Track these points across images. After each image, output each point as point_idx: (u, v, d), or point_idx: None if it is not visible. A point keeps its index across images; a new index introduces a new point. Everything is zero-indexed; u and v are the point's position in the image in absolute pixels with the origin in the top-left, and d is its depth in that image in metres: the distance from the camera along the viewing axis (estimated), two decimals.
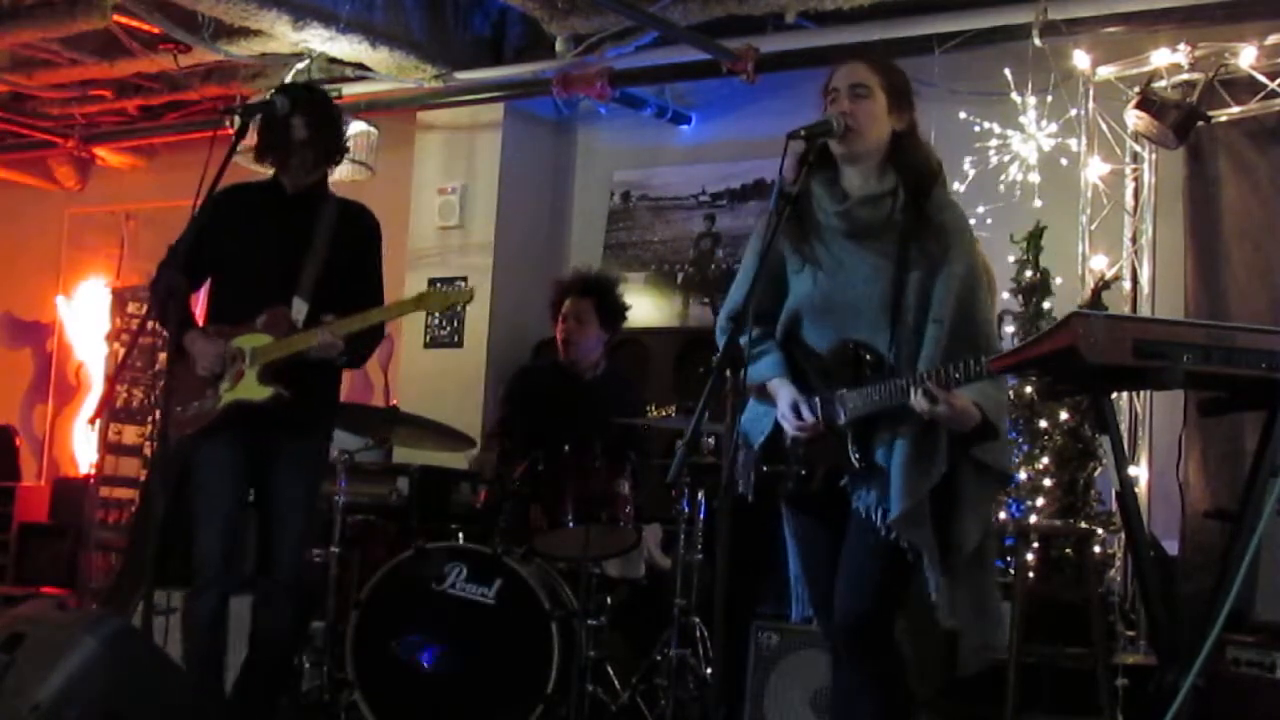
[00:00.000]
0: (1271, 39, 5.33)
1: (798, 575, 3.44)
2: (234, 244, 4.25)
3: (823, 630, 3.43)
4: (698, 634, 5.05)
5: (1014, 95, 5.78)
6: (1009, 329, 5.33)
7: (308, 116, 4.22)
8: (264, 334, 4.17)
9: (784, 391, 3.27)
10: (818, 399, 3.23)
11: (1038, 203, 5.74)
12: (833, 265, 3.25)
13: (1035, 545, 5.12)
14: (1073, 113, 5.80)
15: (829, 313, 3.25)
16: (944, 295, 3.16)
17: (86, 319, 9.33)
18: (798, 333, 3.32)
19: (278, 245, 4.22)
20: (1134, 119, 5.53)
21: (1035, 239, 5.56)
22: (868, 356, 3.19)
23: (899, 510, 3.11)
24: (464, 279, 7.41)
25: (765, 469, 3.34)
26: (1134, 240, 5.81)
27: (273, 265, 4.20)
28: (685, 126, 7.46)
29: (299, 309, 4.17)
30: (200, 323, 4.31)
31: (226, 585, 4.15)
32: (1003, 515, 5.31)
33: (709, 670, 4.94)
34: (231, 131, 4.23)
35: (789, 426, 3.24)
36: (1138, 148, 5.84)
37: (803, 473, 3.28)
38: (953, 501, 3.19)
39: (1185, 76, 5.56)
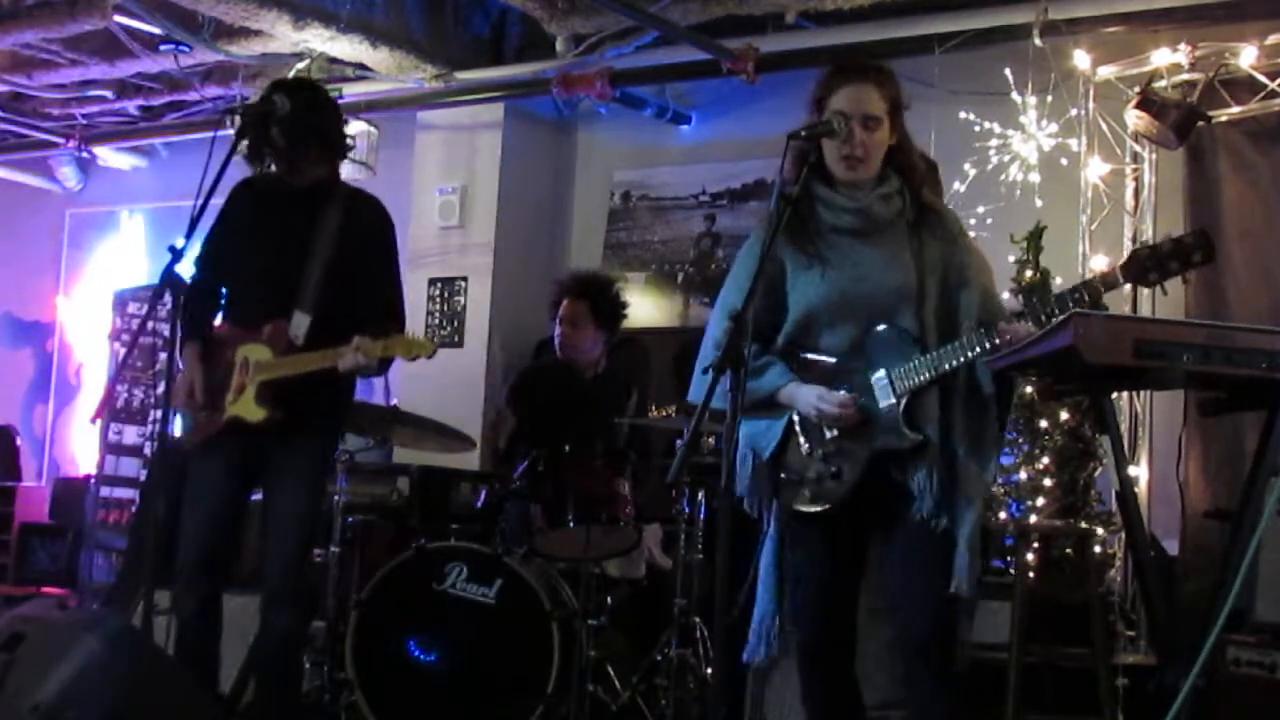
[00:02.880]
0: (1271, 39, 5.33)
1: (767, 611, 3.37)
2: (242, 243, 4.18)
3: (801, 637, 3.37)
4: (698, 634, 5.05)
5: (1014, 95, 5.78)
6: None
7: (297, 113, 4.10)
8: (266, 346, 4.09)
9: (803, 390, 3.25)
10: (843, 389, 3.23)
11: (1038, 203, 5.73)
12: (843, 263, 3.27)
13: (1035, 545, 5.11)
14: (1073, 113, 5.80)
15: (847, 310, 3.26)
16: (970, 295, 3.24)
17: (86, 319, 9.33)
18: (808, 338, 3.30)
19: (280, 247, 4.11)
20: (1134, 119, 5.53)
21: (1035, 239, 5.55)
22: (907, 335, 3.22)
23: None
24: (464, 279, 7.41)
25: (782, 475, 3.30)
26: (1134, 240, 5.79)
27: (275, 269, 4.10)
28: (685, 126, 7.46)
29: (299, 323, 4.07)
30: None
31: (208, 583, 4.09)
32: (1003, 515, 5.31)
33: (709, 670, 4.94)
34: (232, 131, 4.21)
35: (830, 408, 3.21)
36: (1138, 148, 5.84)
37: (833, 471, 3.24)
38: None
39: (1185, 76, 5.56)
